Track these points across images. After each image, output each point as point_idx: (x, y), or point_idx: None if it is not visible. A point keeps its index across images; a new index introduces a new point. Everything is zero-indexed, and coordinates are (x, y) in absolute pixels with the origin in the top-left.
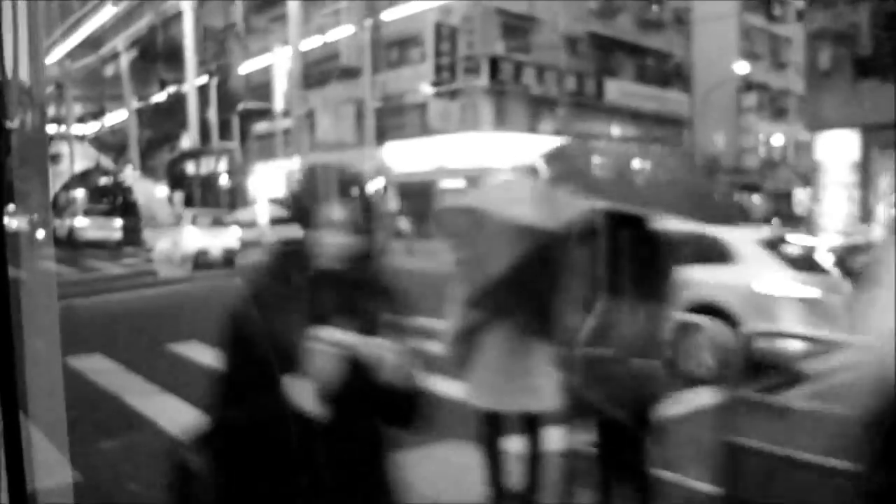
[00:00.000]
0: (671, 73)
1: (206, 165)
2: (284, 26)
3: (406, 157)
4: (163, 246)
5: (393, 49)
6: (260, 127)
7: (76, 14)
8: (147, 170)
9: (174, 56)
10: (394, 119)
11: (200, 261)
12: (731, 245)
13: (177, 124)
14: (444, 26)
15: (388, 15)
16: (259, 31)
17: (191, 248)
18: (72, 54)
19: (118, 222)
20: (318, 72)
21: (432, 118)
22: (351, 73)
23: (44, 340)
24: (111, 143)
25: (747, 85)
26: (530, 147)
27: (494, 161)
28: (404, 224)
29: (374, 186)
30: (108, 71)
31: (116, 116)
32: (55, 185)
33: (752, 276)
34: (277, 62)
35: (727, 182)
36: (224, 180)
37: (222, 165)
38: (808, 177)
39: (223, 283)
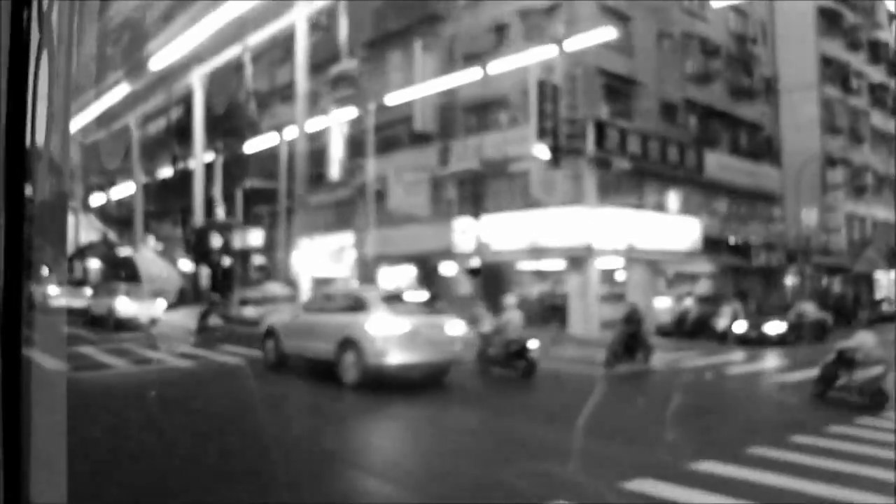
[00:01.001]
0: (763, 146)
1: (236, 239)
2: (350, 88)
3: (489, 232)
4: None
5: (473, 113)
6: (316, 198)
7: (91, 91)
8: (154, 244)
9: (184, 133)
10: (475, 190)
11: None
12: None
13: (182, 199)
14: (547, 85)
15: (467, 76)
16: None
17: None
18: (83, 129)
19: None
20: (385, 137)
21: (535, 187)
22: (424, 139)
23: (50, 372)
24: (116, 216)
25: (830, 160)
26: (635, 225)
27: (597, 240)
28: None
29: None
30: (118, 146)
31: (123, 190)
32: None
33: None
34: (334, 127)
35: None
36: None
37: (254, 238)
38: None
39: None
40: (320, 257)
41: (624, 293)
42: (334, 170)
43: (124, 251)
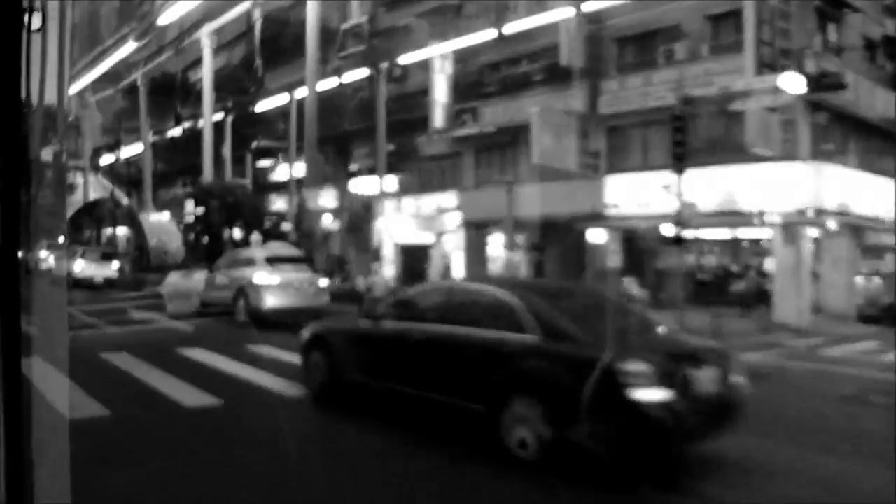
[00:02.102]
0: None
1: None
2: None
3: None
4: (173, 281)
5: (630, 45)
6: (430, 147)
7: (98, 48)
8: (159, 203)
9: (192, 92)
10: (677, 135)
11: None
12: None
13: (191, 158)
14: (767, 4)
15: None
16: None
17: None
18: (91, 87)
19: (115, 264)
20: (514, 75)
21: (752, 134)
22: (562, 77)
23: (52, 370)
24: (125, 176)
25: None
26: (850, 187)
27: (813, 203)
28: (633, 288)
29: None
30: (127, 104)
31: (132, 149)
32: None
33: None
34: (435, 63)
35: None
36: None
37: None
38: None
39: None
40: (410, 221)
41: (816, 269)
42: (438, 117)
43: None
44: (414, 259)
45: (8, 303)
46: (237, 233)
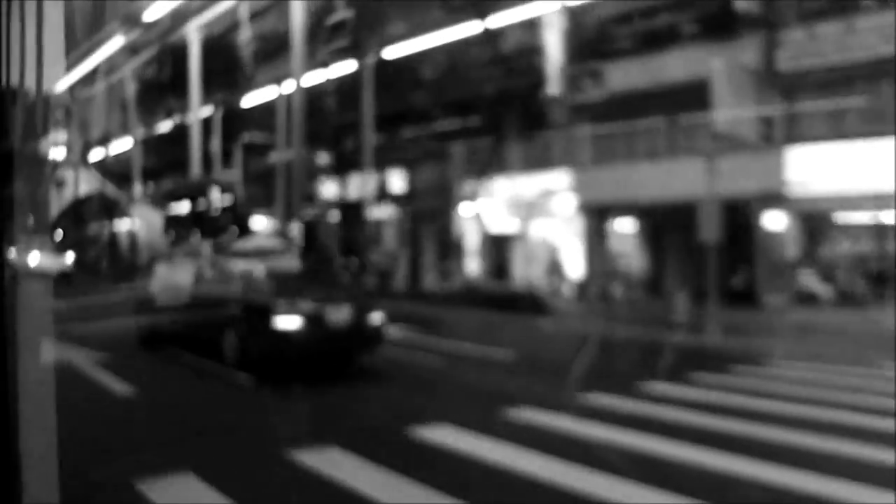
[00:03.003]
0: None
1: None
2: None
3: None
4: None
5: None
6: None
7: (86, 42)
8: (148, 198)
9: (181, 86)
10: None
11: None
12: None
13: (180, 154)
14: None
15: None
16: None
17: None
18: (81, 81)
19: (69, 257)
20: (651, 28)
21: None
22: (724, 27)
23: (38, 369)
24: (116, 171)
25: None
26: None
27: None
28: (813, 282)
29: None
30: (116, 99)
31: (122, 144)
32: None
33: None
34: (546, 19)
35: None
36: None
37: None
38: None
39: None
40: (504, 206)
41: None
42: (553, 82)
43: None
44: (504, 252)
45: None
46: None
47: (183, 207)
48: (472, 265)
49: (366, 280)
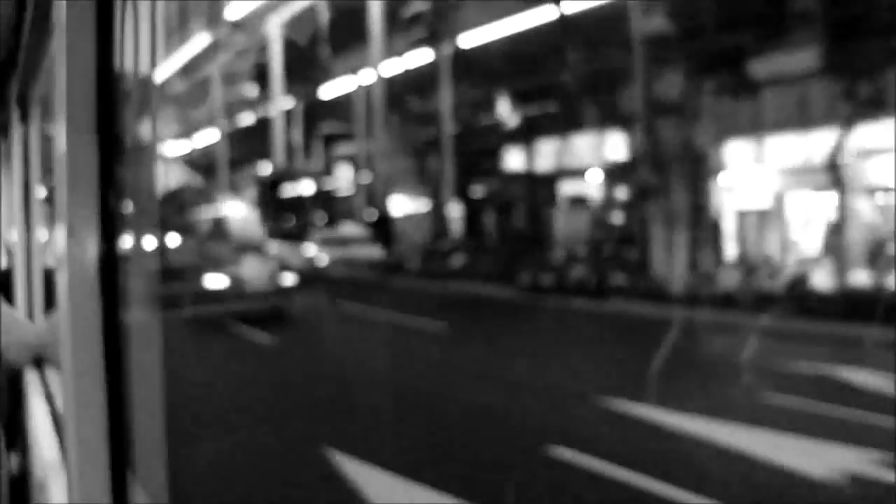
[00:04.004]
0: None
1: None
2: None
3: None
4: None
5: None
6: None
7: (173, 39)
8: (233, 189)
9: (262, 81)
10: None
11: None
12: None
13: (262, 146)
14: None
15: None
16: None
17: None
18: (169, 77)
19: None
20: None
21: None
22: None
23: (148, 386)
24: (200, 163)
25: None
26: None
27: None
28: None
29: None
30: (202, 94)
31: (207, 138)
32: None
33: None
34: None
35: None
36: None
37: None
38: None
39: None
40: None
41: None
42: None
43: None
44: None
45: (108, 296)
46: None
47: (307, 189)
48: (731, 252)
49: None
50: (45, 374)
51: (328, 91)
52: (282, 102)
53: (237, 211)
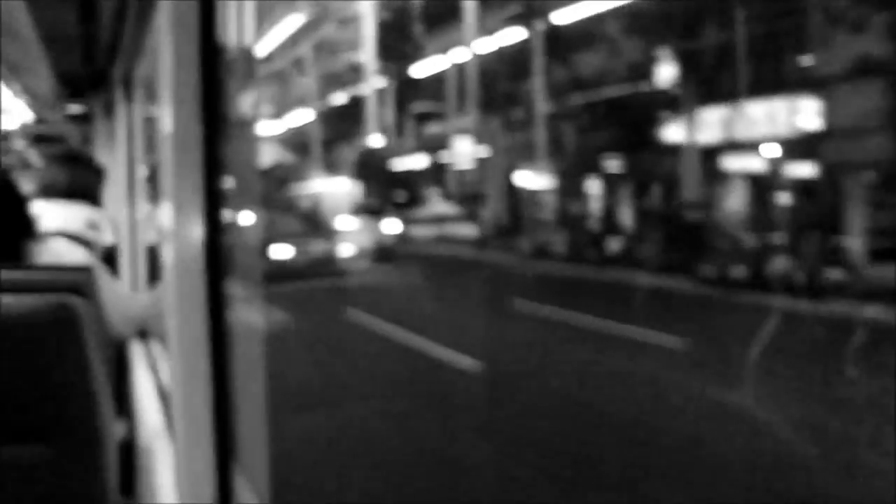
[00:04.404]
0: None
1: None
2: None
3: None
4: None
5: None
6: None
7: (265, 20)
8: (328, 166)
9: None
10: None
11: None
12: None
13: (355, 125)
14: None
15: None
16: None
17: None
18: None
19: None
20: None
21: None
22: None
23: (251, 358)
24: (293, 142)
25: None
26: None
27: None
28: None
29: None
30: (294, 73)
31: (300, 117)
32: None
33: None
34: None
35: None
36: None
37: None
38: None
39: None
40: None
41: None
42: None
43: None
44: None
45: (213, 271)
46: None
47: (419, 163)
48: None
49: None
50: (149, 345)
51: (420, 69)
52: (375, 81)
53: (339, 187)
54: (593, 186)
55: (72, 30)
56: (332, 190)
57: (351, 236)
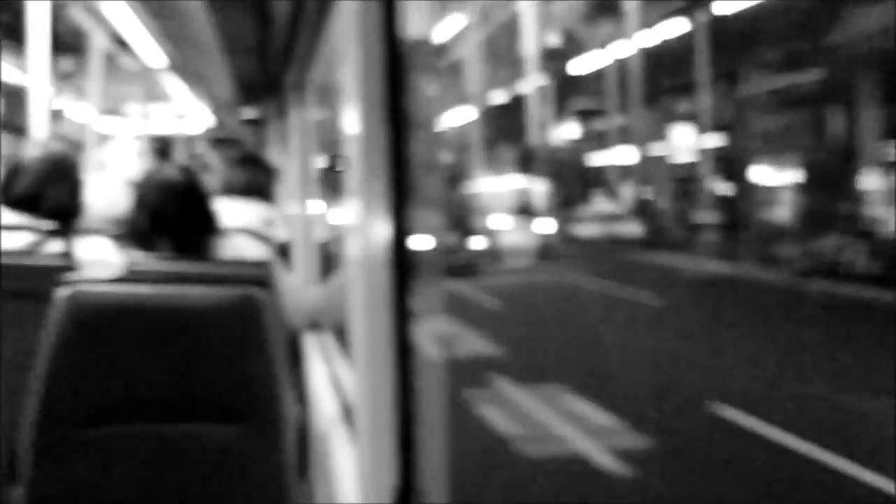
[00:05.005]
0: None
1: None
2: None
3: None
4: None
5: None
6: None
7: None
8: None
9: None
10: None
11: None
12: None
13: (516, 123)
14: None
15: None
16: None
17: None
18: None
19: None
20: None
21: None
22: None
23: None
24: (455, 142)
25: None
26: None
27: None
28: None
29: None
30: (454, 73)
31: (461, 116)
32: None
33: None
34: None
35: None
36: None
37: None
38: None
39: None
40: None
41: None
42: None
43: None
44: None
45: (399, 269)
46: None
47: (623, 157)
48: None
49: None
50: (322, 337)
51: (580, 66)
52: (535, 79)
53: (516, 185)
54: (870, 181)
55: (249, 39)
56: (506, 189)
57: (507, 235)
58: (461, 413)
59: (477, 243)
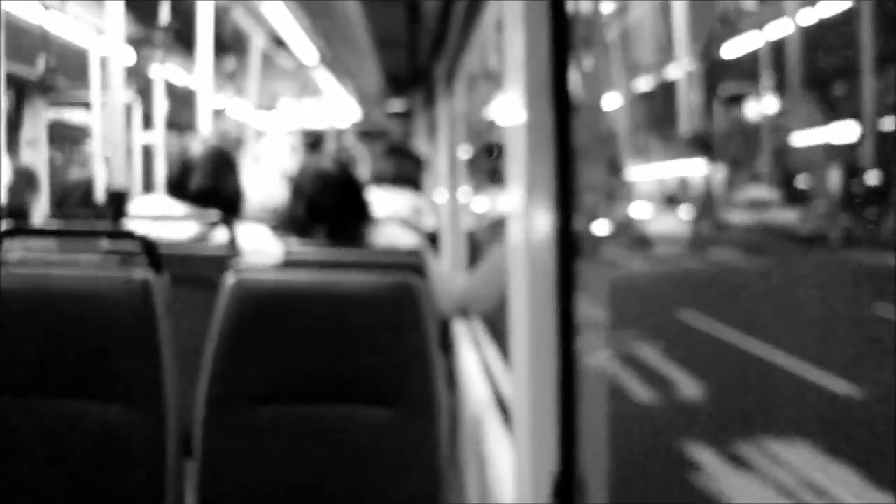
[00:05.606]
0: None
1: None
2: None
3: None
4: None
5: None
6: None
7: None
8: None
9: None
10: None
11: None
12: None
13: (663, 110)
14: None
15: None
16: None
17: None
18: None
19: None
20: None
21: None
22: None
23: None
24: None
25: None
26: None
27: None
28: None
29: None
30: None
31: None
32: None
33: None
34: None
35: None
36: None
37: None
38: None
39: None
40: None
41: None
42: None
43: None
44: None
45: (564, 261)
46: None
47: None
48: None
49: None
50: (472, 324)
51: (731, 49)
52: (684, 63)
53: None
54: None
55: (399, 33)
56: (665, 174)
57: (650, 224)
58: None
59: (627, 230)
